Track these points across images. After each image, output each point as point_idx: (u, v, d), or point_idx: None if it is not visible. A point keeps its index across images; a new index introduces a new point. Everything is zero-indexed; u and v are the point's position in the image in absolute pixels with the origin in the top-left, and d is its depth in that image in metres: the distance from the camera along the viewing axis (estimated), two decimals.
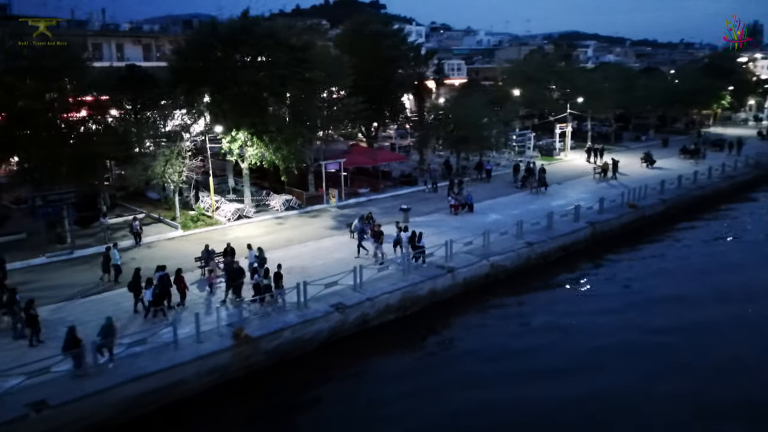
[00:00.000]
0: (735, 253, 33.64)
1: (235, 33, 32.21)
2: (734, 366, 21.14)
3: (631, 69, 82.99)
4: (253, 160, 33.65)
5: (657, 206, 38.84)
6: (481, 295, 26.86)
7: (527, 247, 29.93)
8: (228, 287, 23.04)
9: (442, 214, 36.15)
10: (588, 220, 34.22)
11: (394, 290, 24.13)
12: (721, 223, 39.76)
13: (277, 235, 32.07)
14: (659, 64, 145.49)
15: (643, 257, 32.77)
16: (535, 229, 32.02)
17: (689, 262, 31.96)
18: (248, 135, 32.57)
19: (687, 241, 35.81)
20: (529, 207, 37.71)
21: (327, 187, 38.20)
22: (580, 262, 31.63)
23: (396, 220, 34.06)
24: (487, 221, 34.38)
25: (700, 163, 52.44)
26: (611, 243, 34.19)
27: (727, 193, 45.74)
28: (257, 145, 32.98)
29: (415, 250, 28.02)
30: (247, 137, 32.66)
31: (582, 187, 43.84)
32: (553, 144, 57.91)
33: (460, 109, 47.02)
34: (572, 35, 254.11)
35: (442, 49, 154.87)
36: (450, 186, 39.10)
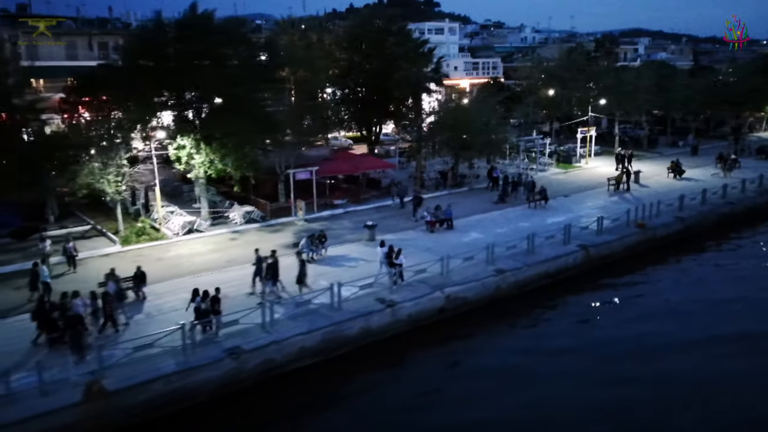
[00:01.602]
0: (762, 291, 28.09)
1: (183, 29, 29.17)
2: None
3: (674, 67, 76.04)
4: (201, 169, 30.54)
5: (672, 226, 33.59)
6: (428, 334, 22.81)
7: (497, 275, 25.63)
8: (104, 323, 20.00)
9: (418, 231, 32.12)
10: (581, 242, 29.53)
11: (313, 330, 20.42)
12: (752, 248, 34.07)
13: (223, 253, 28.82)
14: (718, 62, 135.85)
15: (644, 291, 27.86)
16: (512, 253, 27.63)
17: (704, 299, 26.81)
18: (193, 142, 29.49)
19: (705, 270, 30.57)
20: (519, 224, 33.22)
21: (296, 197, 34.79)
22: (566, 293, 27.05)
23: (361, 237, 30.62)
24: (464, 241, 30.17)
25: (734, 173, 46.45)
26: (610, 270, 29.41)
27: (763, 210, 39.73)
28: (206, 153, 29.85)
29: (393, 268, 24.63)
30: (192, 144, 29.58)
31: (591, 200, 38.84)
32: (573, 149, 52.71)
33: (461, 112, 42.84)
34: (634, 32, 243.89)
35: (486, 46, 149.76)
36: (416, 202, 34.64)
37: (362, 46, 47.93)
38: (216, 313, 20.19)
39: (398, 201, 35.42)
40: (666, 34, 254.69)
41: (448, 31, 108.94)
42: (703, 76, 74.45)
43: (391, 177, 42.93)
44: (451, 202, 36.07)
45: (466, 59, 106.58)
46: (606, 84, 54.22)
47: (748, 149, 54.22)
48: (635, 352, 21.84)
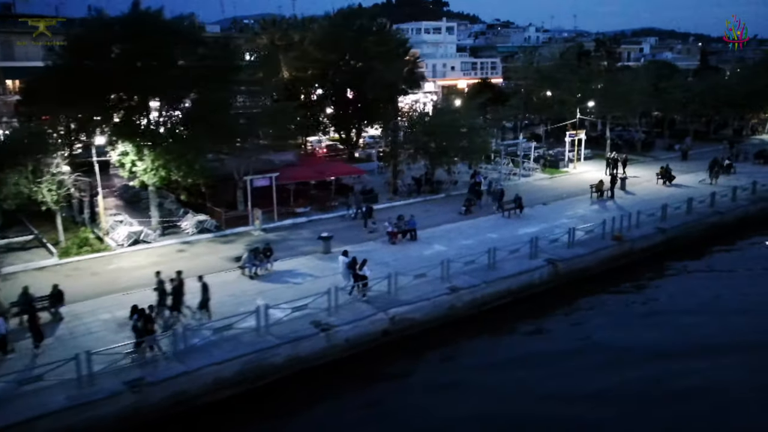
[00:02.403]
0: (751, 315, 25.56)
1: (126, 27, 27.43)
2: None
3: (674, 68, 73.47)
4: (145, 177, 28.77)
5: (652, 238, 31.42)
6: (367, 361, 20.90)
7: (450, 293, 23.66)
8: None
9: (379, 242, 30.17)
10: (550, 256, 27.49)
11: (231, 359, 18.56)
12: (740, 263, 31.71)
13: (166, 266, 26.60)
14: (726, 62, 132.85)
15: (616, 311, 25.77)
16: (472, 268, 25.63)
17: (679, 322, 24.66)
18: (133, 147, 27.74)
19: (685, 288, 28.37)
20: (488, 235, 31.21)
21: (258, 205, 33.00)
22: (528, 312, 25.05)
23: (317, 250, 28.77)
24: (425, 254, 28.24)
25: (727, 179, 44.18)
26: (580, 287, 27.32)
27: (757, 219, 37.36)
28: (150, 159, 28.09)
29: (357, 280, 23.25)
30: (133, 150, 27.84)
31: (571, 209, 36.72)
32: (561, 154, 50.54)
33: (437, 115, 40.89)
34: (646, 32, 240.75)
35: (489, 46, 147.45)
36: (366, 213, 32.60)
37: (340, 46, 46.13)
38: (149, 333, 18.60)
39: (354, 211, 33.26)
40: (678, 34, 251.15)
41: (446, 31, 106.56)
42: (708, 76, 71.98)
43: (364, 183, 41.06)
44: (415, 212, 34.27)
45: (464, 59, 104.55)
46: (597, 85, 51.96)
47: (744, 154, 51.70)
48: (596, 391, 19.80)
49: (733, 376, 20.37)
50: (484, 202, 37.28)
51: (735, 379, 20.15)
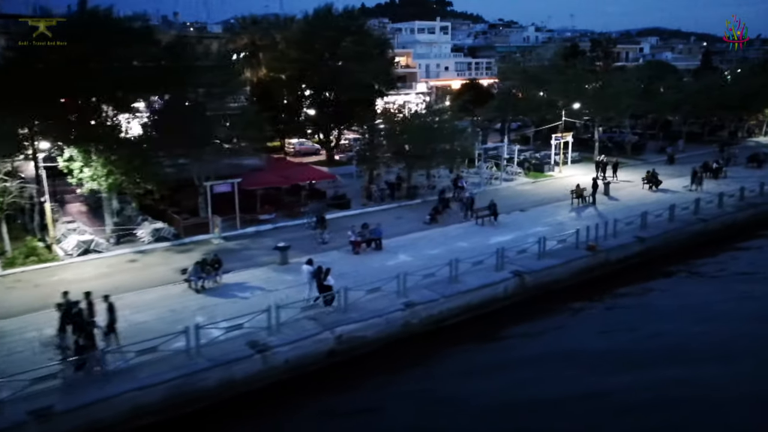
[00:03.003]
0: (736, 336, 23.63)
1: (72, 27, 26.13)
2: None
3: (668, 68, 71.86)
4: (91, 183, 27.47)
5: (630, 247, 29.93)
6: (309, 384, 19.53)
7: (405, 309, 22.26)
8: None
9: (342, 252, 28.80)
10: (518, 268, 26.06)
11: (155, 384, 17.22)
12: (724, 273, 30.14)
13: (112, 279, 25.67)
14: (728, 62, 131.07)
15: (581, 327, 24.35)
16: (432, 281, 24.22)
17: (648, 339, 23.16)
18: (80, 153, 26.45)
19: (663, 302, 26.78)
20: (458, 244, 29.82)
21: (219, 212, 31.71)
22: (491, 329, 23.65)
23: (275, 260, 27.43)
24: (388, 265, 26.83)
25: (721, 183, 42.69)
26: (549, 301, 25.87)
27: (744, 227, 35.76)
28: (98, 165, 26.79)
29: (322, 292, 22.19)
30: (79, 155, 26.55)
31: (549, 216, 35.27)
32: (548, 157, 49.04)
33: (412, 118, 39.50)
34: (652, 31, 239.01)
35: (487, 46, 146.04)
36: (318, 223, 30.81)
37: (315, 46, 44.80)
38: (94, 348, 17.69)
39: (314, 221, 31.73)
40: (684, 33, 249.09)
41: (440, 31, 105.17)
42: (705, 77, 70.20)
43: (339, 188, 39.70)
44: (387, 219, 33.05)
45: (458, 59, 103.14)
46: (584, 86, 50.43)
47: (735, 158, 50.06)
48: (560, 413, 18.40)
49: (708, 390, 18.99)
50: (455, 209, 35.62)
51: (709, 393, 18.78)
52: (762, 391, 19.51)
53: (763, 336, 23.00)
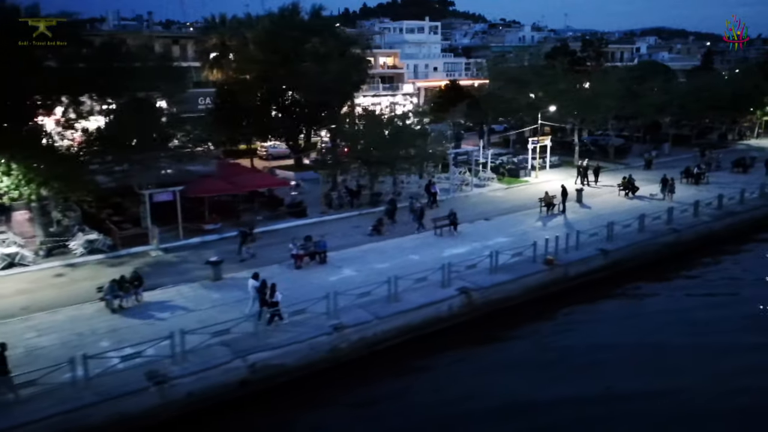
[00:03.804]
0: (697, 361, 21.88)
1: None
2: None
3: (664, 68, 69.82)
4: (14, 193, 25.75)
5: (592, 261, 28.07)
6: (212, 419, 17.76)
7: (333, 332, 20.48)
8: None
9: (284, 267, 26.97)
10: (465, 284, 24.26)
11: (30, 422, 15.48)
12: (695, 291, 28.13)
13: (32, 296, 23.89)
14: (728, 62, 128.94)
15: (526, 353, 22.42)
16: (368, 300, 22.42)
17: (599, 365, 21.41)
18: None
19: (624, 324, 24.94)
20: (409, 257, 28.02)
21: (165, 222, 30.03)
22: (431, 353, 21.82)
23: (209, 275, 25.67)
24: (329, 281, 25.04)
25: (702, 190, 40.80)
26: (495, 320, 24.05)
27: (721, 237, 33.81)
28: (18, 174, 25.10)
29: (270, 308, 20.74)
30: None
31: (515, 225, 33.43)
32: (524, 162, 47.17)
33: (375, 121, 37.77)
34: (656, 31, 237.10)
35: (483, 46, 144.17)
36: (241, 238, 28.17)
37: (280, 47, 43.04)
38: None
39: (247, 231, 29.65)
40: (688, 33, 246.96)
41: (429, 31, 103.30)
42: (699, 77, 68.11)
43: (298, 194, 38.01)
44: (343, 228, 31.30)
45: (447, 60, 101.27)
46: (562, 88, 48.54)
47: (717, 162, 48.06)
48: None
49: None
50: (407, 220, 33.34)
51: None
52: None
53: (712, 375, 20.86)
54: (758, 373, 20.62)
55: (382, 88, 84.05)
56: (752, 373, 20.55)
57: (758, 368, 20.93)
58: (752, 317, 25.01)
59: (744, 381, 19.94)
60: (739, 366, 21.01)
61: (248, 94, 44.74)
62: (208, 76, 52.20)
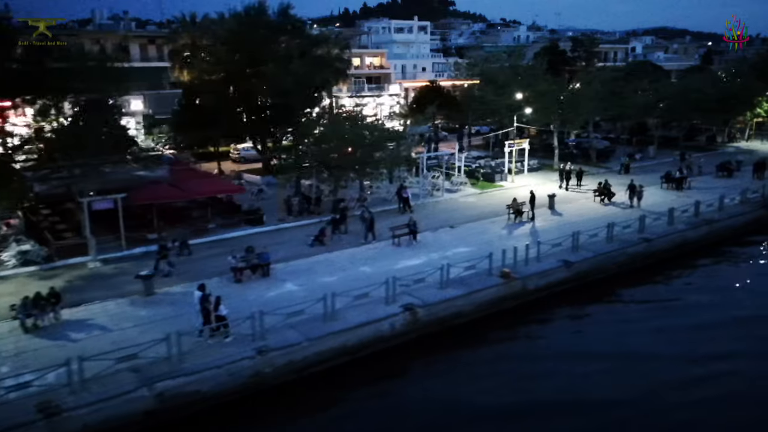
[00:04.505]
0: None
1: None
2: None
3: (647, 68, 68.07)
4: None
5: (553, 273, 26.42)
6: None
7: (256, 356, 18.89)
8: None
9: (224, 280, 25.34)
10: (412, 300, 22.68)
11: None
12: (668, 304, 26.52)
13: None
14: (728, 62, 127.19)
15: (474, 374, 20.79)
16: (301, 320, 20.81)
17: (558, 384, 19.84)
18: None
19: (582, 340, 23.41)
20: (360, 269, 26.43)
21: (105, 231, 28.53)
22: (361, 379, 20.25)
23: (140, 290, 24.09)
24: (267, 297, 23.51)
25: (682, 195, 39.13)
26: (443, 339, 22.44)
27: (698, 246, 32.11)
28: None
29: (208, 323, 19.77)
30: None
31: (479, 234, 31.81)
32: (501, 166, 45.51)
33: (337, 124, 36.20)
34: (658, 30, 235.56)
35: (477, 46, 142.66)
36: (160, 252, 26.24)
37: (245, 46, 41.52)
38: None
39: (177, 245, 28.04)
40: (691, 33, 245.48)
41: (418, 30, 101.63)
42: (690, 78, 66.23)
43: (253, 201, 36.51)
44: (298, 236, 29.77)
45: (436, 60, 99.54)
46: (542, 90, 46.89)
47: (698, 167, 46.29)
48: None
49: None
50: (359, 229, 31.29)
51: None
52: None
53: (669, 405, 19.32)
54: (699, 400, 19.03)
55: (368, 88, 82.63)
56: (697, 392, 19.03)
57: (697, 385, 19.47)
58: (715, 330, 23.42)
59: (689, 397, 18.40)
60: (684, 380, 19.56)
61: (215, 95, 43.30)
62: (179, 77, 50.81)
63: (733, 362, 21.06)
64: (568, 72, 73.18)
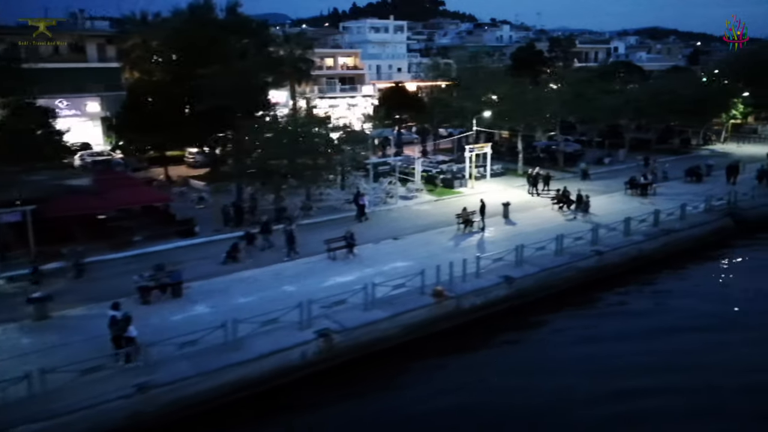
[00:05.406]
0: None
1: None
2: None
3: (619, 69, 66.32)
4: None
5: (493, 291, 24.46)
6: None
7: (132, 395, 16.79)
8: None
9: (131, 300, 23.09)
10: (330, 325, 20.67)
11: None
12: (611, 323, 24.79)
13: None
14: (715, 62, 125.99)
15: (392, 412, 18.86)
16: (199, 350, 18.76)
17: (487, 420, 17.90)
18: None
19: (519, 369, 21.51)
20: (282, 288, 24.38)
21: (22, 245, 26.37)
22: (267, 417, 18.28)
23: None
24: (173, 320, 21.46)
25: (646, 202, 37.32)
26: (362, 368, 20.43)
27: (654, 260, 30.20)
28: None
29: (119, 346, 18.20)
30: None
31: (424, 245, 29.79)
32: (461, 171, 43.55)
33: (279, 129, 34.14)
34: (649, 31, 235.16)
35: (459, 46, 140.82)
36: (33, 274, 24.26)
37: (190, 46, 39.36)
38: None
39: (74, 263, 25.82)
40: (680, 33, 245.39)
41: (394, 30, 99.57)
42: (667, 78, 64.55)
43: (191, 211, 34.38)
44: (209, 255, 27.67)
45: (414, 60, 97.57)
46: (501, 93, 45.03)
47: (663, 172, 44.46)
48: None
49: None
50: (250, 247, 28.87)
51: None
52: None
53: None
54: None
55: (341, 89, 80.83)
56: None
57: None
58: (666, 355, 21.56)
59: None
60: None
61: (158, 97, 41.14)
62: (129, 78, 48.78)
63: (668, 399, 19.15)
64: (545, 72, 71.57)
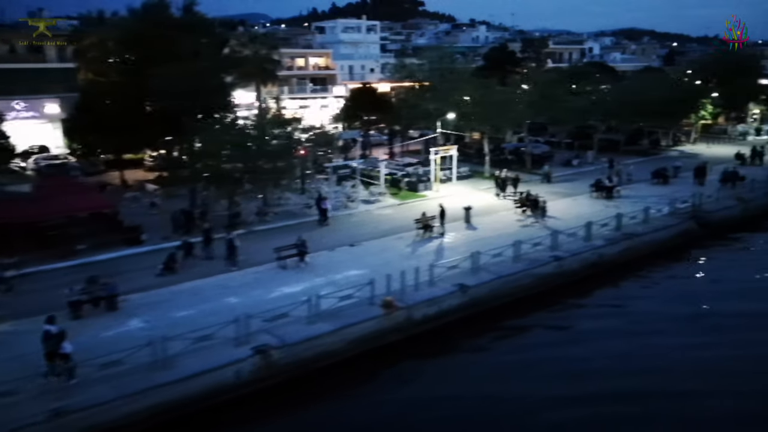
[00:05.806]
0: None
1: None
2: None
3: (588, 70, 65.74)
4: None
5: (446, 300, 23.51)
6: None
7: (45, 422, 15.54)
8: None
9: (63, 316, 21.66)
10: (269, 340, 19.58)
11: None
12: (569, 334, 23.98)
13: None
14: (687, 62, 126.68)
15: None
16: (127, 369, 17.54)
17: None
18: None
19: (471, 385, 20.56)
20: (226, 300, 23.18)
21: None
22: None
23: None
24: (105, 336, 20.19)
25: (610, 205, 36.68)
26: (302, 386, 19.38)
27: (615, 265, 29.49)
28: None
29: (51, 363, 16.92)
30: None
31: (380, 252, 28.72)
32: (426, 174, 42.62)
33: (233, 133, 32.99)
34: (627, 32, 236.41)
35: (436, 47, 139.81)
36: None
37: (144, 45, 37.98)
38: None
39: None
40: (657, 34, 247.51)
41: (366, 30, 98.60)
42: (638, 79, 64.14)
43: (143, 217, 33.00)
44: (155, 264, 26.26)
45: (391, 61, 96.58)
46: (464, 94, 44.23)
47: (628, 174, 43.90)
48: None
49: None
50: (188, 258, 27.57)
51: None
52: None
53: None
54: None
55: (311, 89, 79.76)
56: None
57: None
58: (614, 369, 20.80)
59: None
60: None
61: (114, 98, 39.67)
62: (84, 79, 47.12)
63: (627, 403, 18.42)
64: (516, 73, 71.00)
